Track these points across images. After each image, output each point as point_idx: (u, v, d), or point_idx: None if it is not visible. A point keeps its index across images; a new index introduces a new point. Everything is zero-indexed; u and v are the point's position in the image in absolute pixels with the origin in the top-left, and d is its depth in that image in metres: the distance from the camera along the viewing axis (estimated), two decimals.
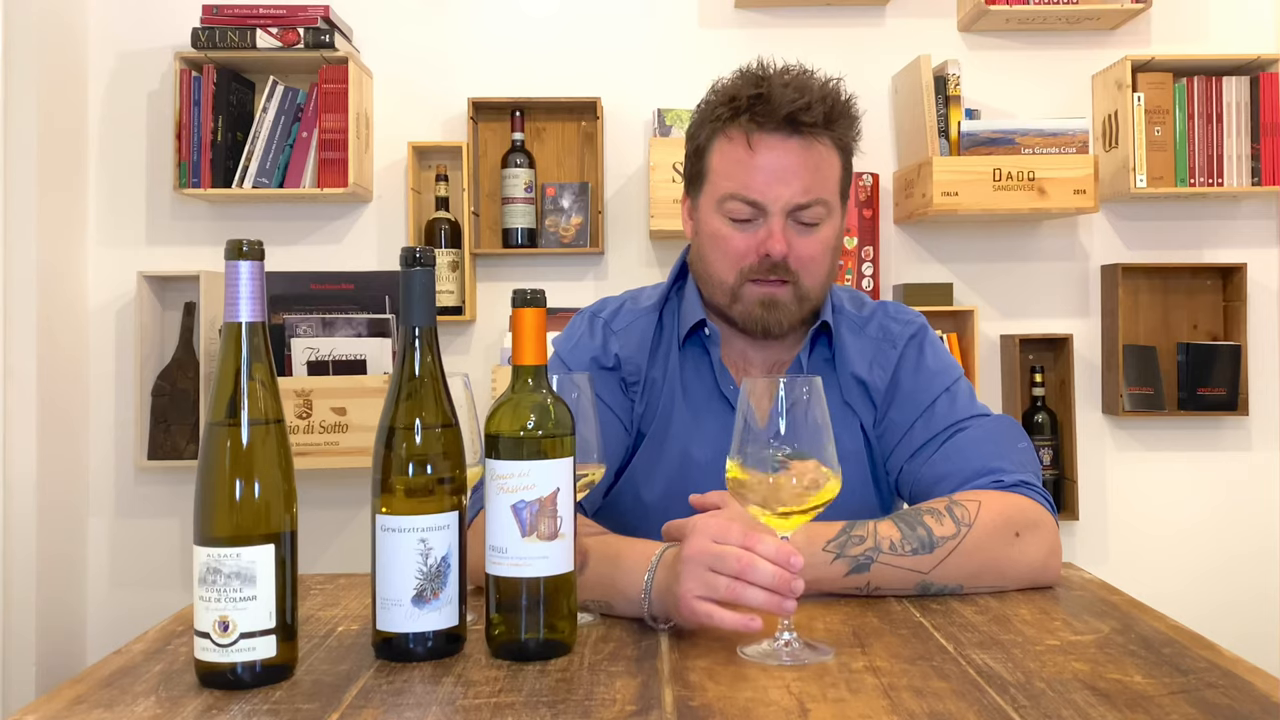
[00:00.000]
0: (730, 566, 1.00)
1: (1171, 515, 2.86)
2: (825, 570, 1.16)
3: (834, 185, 1.37)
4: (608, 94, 2.82)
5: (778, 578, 0.99)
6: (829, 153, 1.36)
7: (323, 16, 2.65)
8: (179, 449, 2.72)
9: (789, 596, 0.99)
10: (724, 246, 1.37)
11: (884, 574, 1.17)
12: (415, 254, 1.01)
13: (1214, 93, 2.73)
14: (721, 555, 1.01)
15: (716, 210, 1.37)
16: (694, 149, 1.42)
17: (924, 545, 1.18)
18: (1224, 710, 0.86)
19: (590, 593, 1.14)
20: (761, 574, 0.99)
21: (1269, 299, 2.87)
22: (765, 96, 1.32)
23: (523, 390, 1.02)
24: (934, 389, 1.40)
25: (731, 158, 1.35)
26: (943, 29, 2.87)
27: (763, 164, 1.33)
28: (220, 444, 0.93)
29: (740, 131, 1.34)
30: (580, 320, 1.52)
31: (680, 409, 1.43)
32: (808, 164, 1.33)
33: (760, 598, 0.99)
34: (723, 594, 1.00)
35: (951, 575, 1.19)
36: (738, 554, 1.00)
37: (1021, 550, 1.22)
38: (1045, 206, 2.61)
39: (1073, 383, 2.81)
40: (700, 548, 1.03)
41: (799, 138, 1.33)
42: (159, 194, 2.84)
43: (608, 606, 1.13)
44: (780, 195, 1.33)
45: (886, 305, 1.50)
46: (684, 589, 1.02)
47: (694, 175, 1.43)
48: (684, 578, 1.02)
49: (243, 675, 0.92)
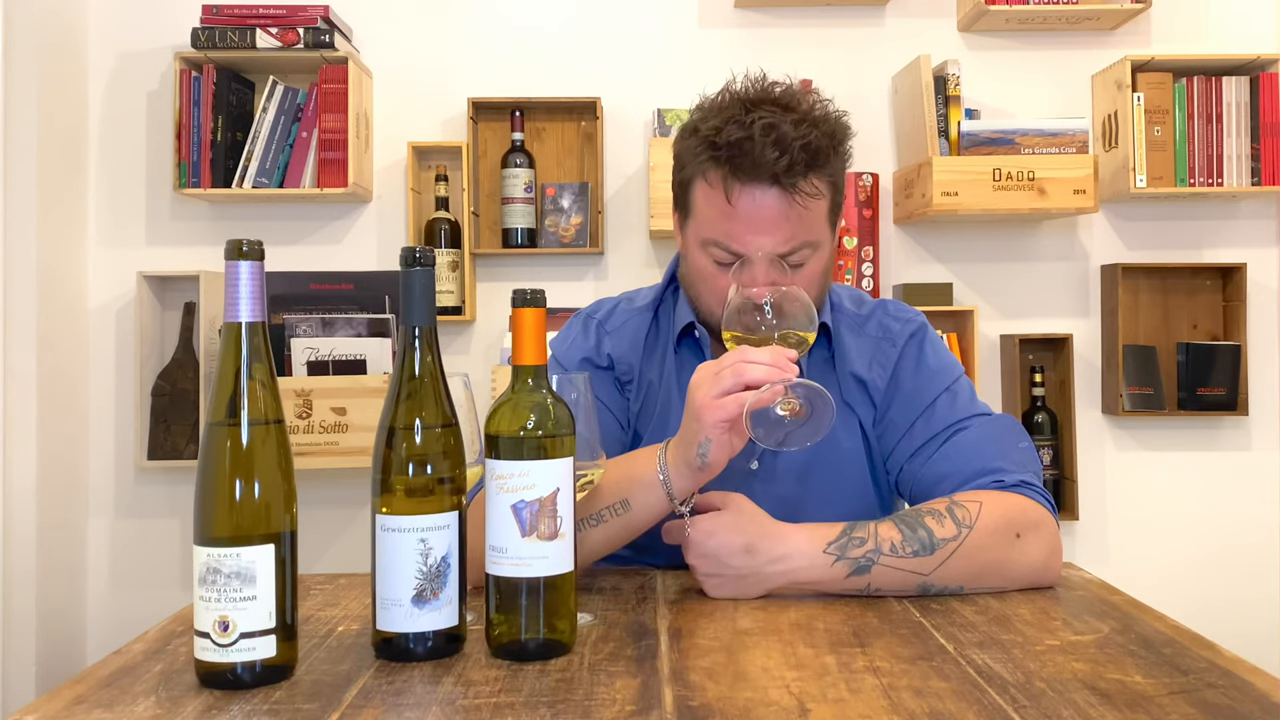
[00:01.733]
0: (729, 359, 1.14)
1: (1171, 515, 2.87)
2: (826, 572, 1.17)
3: (821, 223, 1.32)
4: (608, 94, 2.82)
5: (773, 353, 1.13)
6: (814, 195, 1.29)
7: (323, 16, 2.65)
8: (179, 449, 2.72)
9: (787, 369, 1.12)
10: (710, 284, 1.35)
11: (885, 576, 1.17)
12: (415, 254, 1.01)
13: (1214, 93, 2.73)
14: (720, 361, 1.15)
15: (700, 250, 1.34)
16: (678, 179, 1.37)
17: (925, 547, 1.18)
18: (1224, 710, 0.86)
19: (606, 497, 1.20)
20: (758, 353, 1.14)
21: (1269, 299, 2.87)
22: (745, 151, 1.25)
23: (522, 390, 1.02)
24: (934, 388, 1.40)
25: (712, 204, 1.30)
26: (942, 29, 2.87)
27: (743, 215, 1.28)
28: (220, 444, 0.93)
29: (719, 179, 1.28)
30: (575, 322, 1.52)
31: (676, 409, 1.43)
32: (790, 215, 1.28)
33: (763, 370, 1.12)
34: (730, 381, 1.12)
35: (953, 576, 1.19)
36: (732, 360, 1.14)
37: (1022, 551, 1.22)
38: (1045, 206, 2.61)
39: (1073, 383, 2.81)
40: (701, 373, 1.16)
41: (779, 188, 1.27)
42: (159, 194, 2.84)
43: (625, 505, 1.19)
44: (762, 245, 1.28)
45: (886, 304, 1.50)
46: (700, 401, 1.13)
47: (679, 200, 1.39)
48: (696, 393, 1.14)
49: (243, 675, 0.92)
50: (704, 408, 1.12)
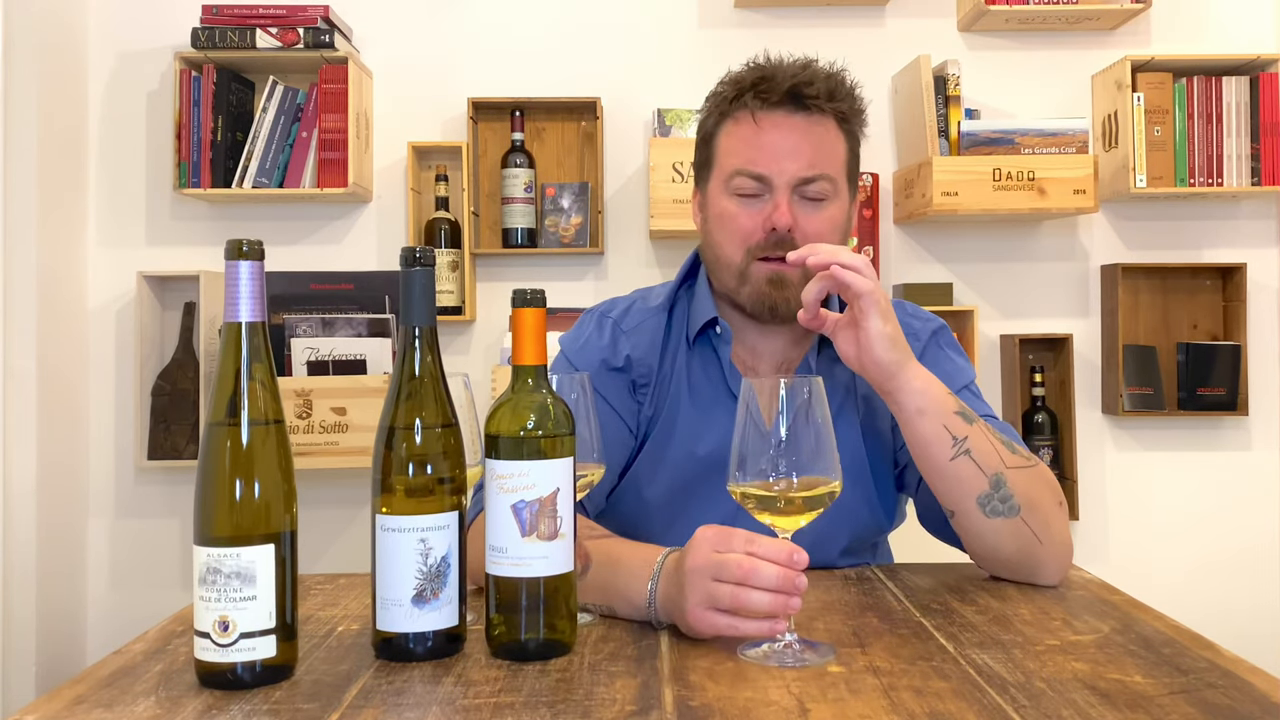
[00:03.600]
0: (733, 574, 1.00)
1: (1171, 515, 2.86)
2: (947, 401, 1.22)
3: (839, 163, 1.39)
4: (608, 94, 2.82)
5: (781, 578, 0.99)
6: (833, 131, 1.38)
7: (323, 16, 2.65)
8: (179, 449, 2.72)
9: (794, 594, 0.99)
10: (731, 225, 1.38)
11: (980, 440, 1.22)
12: (415, 254, 1.01)
13: (1214, 93, 2.73)
14: (723, 564, 1.00)
15: (724, 190, 1.39)
16: (702, 138, 1.45)
17: (1010, 447, 1.24)
18: (1224, 710, 0.86)
19: (592, 596, 1.14)
20: (765, 577, 0.99)
21: (1269, 299, 2.87)
22: (769, 75, 1.37)
23: (523, 390, 1.02)
24: (953, 386, 1.39)
25: (737, 136, 1.38)
26: (942, 29, 2.87)
27: (768, 140, 1.36)
28: (220, 444, 0.93)
29: (746, 111, 1.38)
30: (589, 319, 1.51)
31: (686, 407, 1.43)
32: (811, 139, 1.36)
33: (765, 601, 0.99)
34: (727, 603, 1.00)
35: (1019, 488, 1.22)
36: (739, 560, 1.00)
37: (1060, 518, 1.26)
38: (1045, 206, 2.61)
39: (1073, 383, 2.81)
40: (702, 559, 1.02)
41: (803, 113, 1.36)
42: (159, 194, 2.84)
43: (610, 610, 1.13)
44: (785, 169, 1.35)
45: (905, 305, 1.50)
46: (690, 604, 1.02)
47: (702, 163, 1.45)
48: (689, 592, 1.02)
49: (243, 675, 0.92)
50: (693, 616, 1.02)
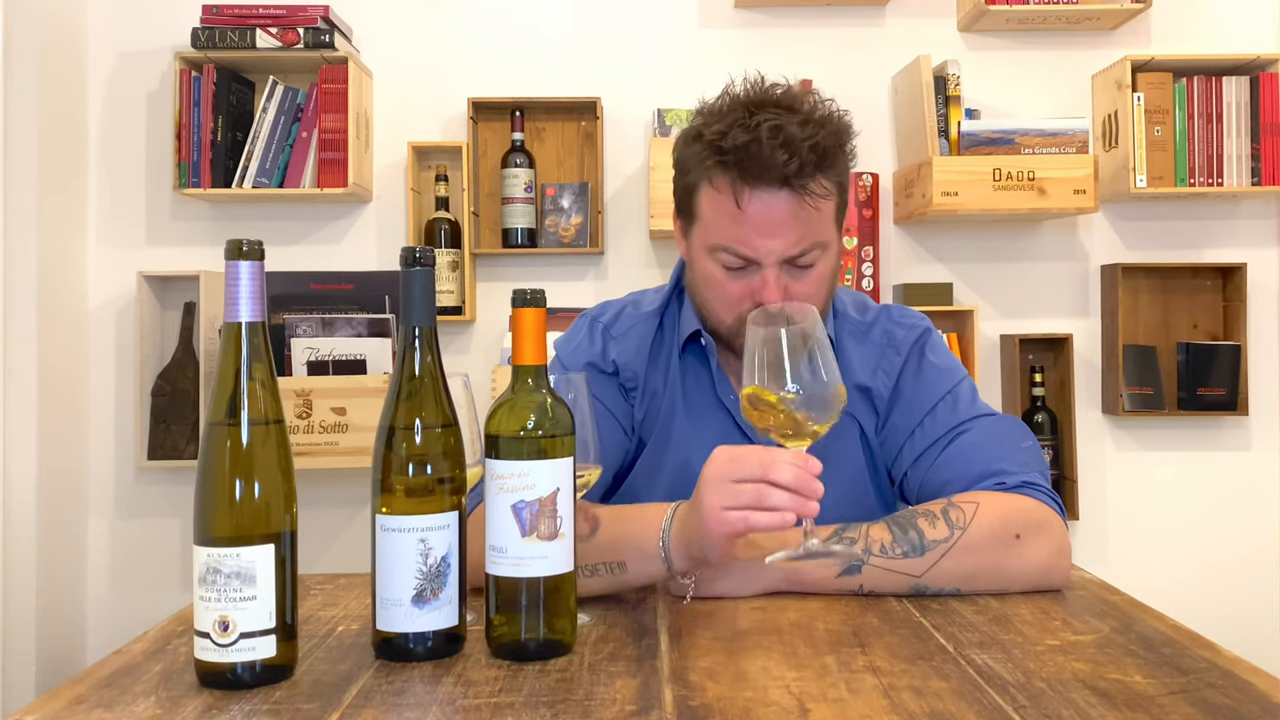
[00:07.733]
0: (752, 469, 1.03)
1: (1171, 515, 2.86)
2: (819, 571, 1.17)
3: (829, 224, 1.31)
4: (608, 94, 2.82)
5: (799, 476, 1.02)
6: (824, 195, 1.28)
7: (323, 16, 2.65)
8: (179, 449, 2.72)
9: (811, 497, 1.02)
10: (719, 291, 1.33)
11: (876, 576, 1.17)
12: (415, 254, 1.01)
13: (1214, 93, 2.73)
14: (742, 461, 1.04)
15: (708, 256, 1.32)
16: (682, 184, 1.35)
17: (915, 548, 1.18)
18: (1224, 710, 0.86)
19: (603, 554, 1.15)
20: (784, 472, 1.02)
21: (1269, 299, 2.87)
22: (753, 154, 1.24)
23: (522, 390, 1.02)
24: (935, 393, 1.39)
25: (720, 209, 1.28)
26: (942, 29, 2.87)
27: (753, 219, 1.26)
28: (220, 444, 0.93)
29: (727, 184, 1.27)
30: (581, 324, 1.51)
31: (681, 417, 1.43)
32: (799, 216, 1.27)
33: (784, 498, 1.02)
34: (748, 499, 1.03)
35: (946, 578, 1.18)
36: (759, 456, 1.04)
37: (1021, 553, 1.21)
38: (1045, 206, 2.61)
39: (1073, 383, 2.81)
40: (719, 466, 1.06)
41: (788, 190, 1.25)
42: (159, 194, 2.84)
43: (621, 567, 1.14)
44: (773, 249, 1.27)
45: (890, 309, 1.48)
46: (709, 504, 1.04)
47: (683, 207, 1.36)
48: (707, 494, 1.05)
49: (243, 675, 0.92)
50: (711, 518, 1.04)
